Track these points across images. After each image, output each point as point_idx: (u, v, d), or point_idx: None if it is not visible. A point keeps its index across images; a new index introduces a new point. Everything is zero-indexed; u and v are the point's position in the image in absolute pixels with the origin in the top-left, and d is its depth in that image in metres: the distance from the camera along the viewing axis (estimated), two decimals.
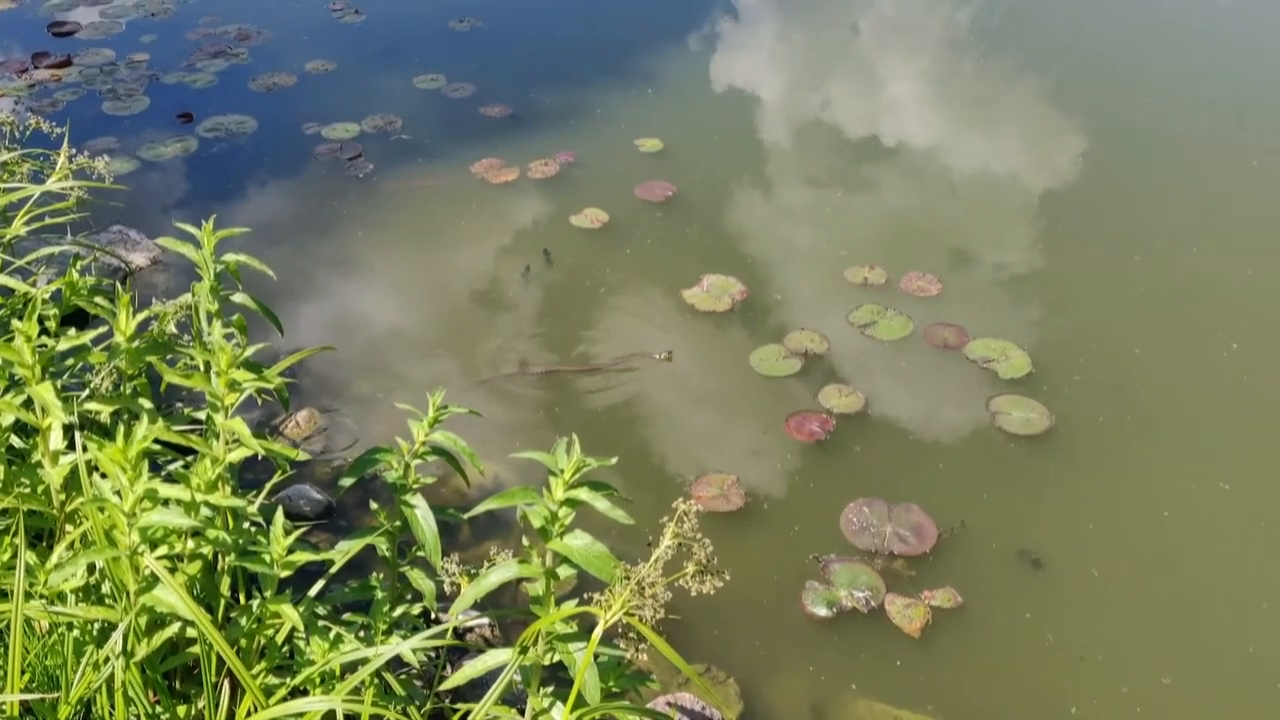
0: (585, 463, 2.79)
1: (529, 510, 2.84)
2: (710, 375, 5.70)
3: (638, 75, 8.55)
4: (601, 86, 8.34)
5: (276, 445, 3.28)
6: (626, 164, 7.34)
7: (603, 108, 8.07)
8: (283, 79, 8.45)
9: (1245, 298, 6.19)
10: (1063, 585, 4.62)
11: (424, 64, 8.65)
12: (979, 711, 4.15)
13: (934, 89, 8.68)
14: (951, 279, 6.25)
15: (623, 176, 7.19)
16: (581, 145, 7.53)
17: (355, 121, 7.84)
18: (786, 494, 5.01)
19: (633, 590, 2.73)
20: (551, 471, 2.81)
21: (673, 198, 6.98)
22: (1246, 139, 7.76)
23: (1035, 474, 5.11)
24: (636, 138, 7.59)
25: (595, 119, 7.93)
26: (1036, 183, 7.34)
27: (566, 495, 2.78)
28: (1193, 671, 4.29)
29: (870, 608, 4.46)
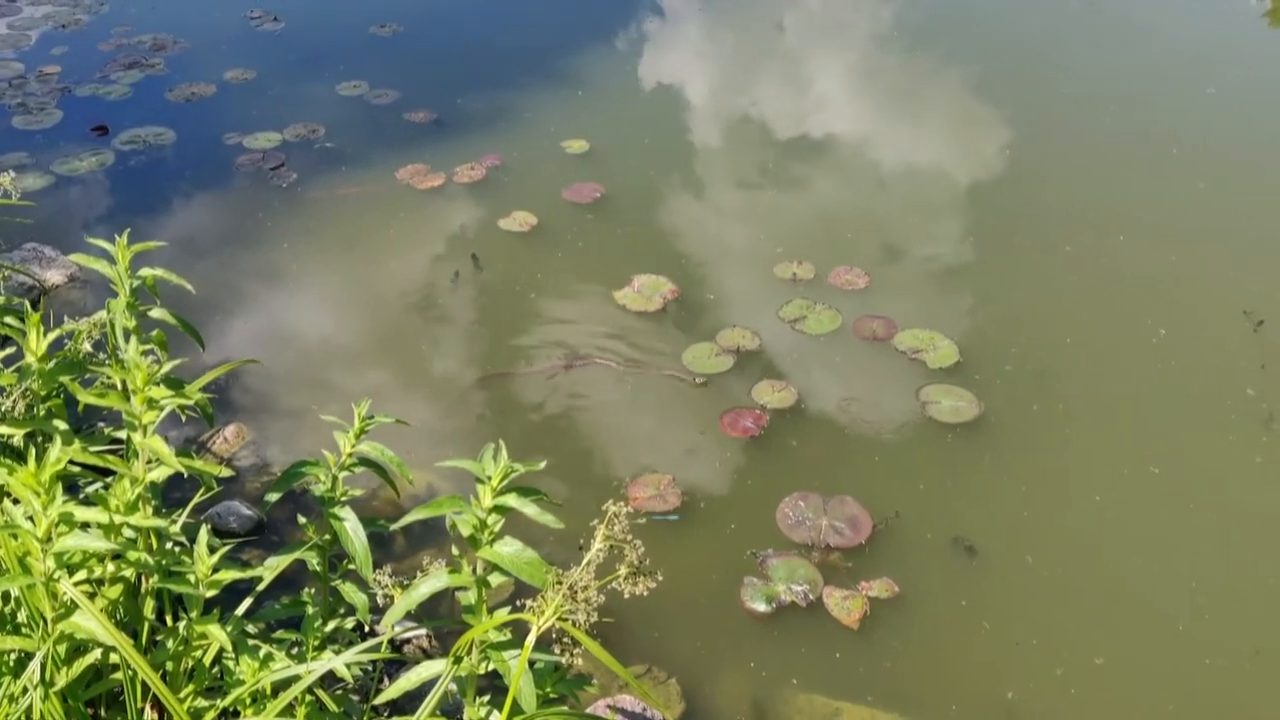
0: (513, 468, 2.76)
1: (457, 519, 2.81)
2: (644, 375, 5.69)
3: (565, 77, 8.53)
4: (528, 89, 8.31)
5: (199, 462, 3.21)
6: (554, 166, 7.32)
7: (530, 110, 8.03)
8: (201, 89, 8.31)
9: (1172, 284, 6.30)
10: (997, 572, 4.67)
11: (346, 70, 8.55)
12: (917, 700, 4.17)
13: (861, 85, 8.76)
14: (879, 272, 6.31)
15: (550, 179, 7.16)
16: (508, 149, 7.49)
17: (277, 130, 7.73)
18: (723, 491, 5.02)
19: (565, 595, 2.71)
20: (479, 479, 2.78)
21: (601, 199, 6.97)
22: (1167, 129, 7.91)
23: (968, 462, 5.17)
24: (563, 140, 7.57)
25: (522, 122, 7.89)
26: (964, 175, 7.43)
27: (494, 502, 2.75)
28: (1124, 652, 4.36)
29: (809, 601, 4.48)
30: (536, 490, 2.84)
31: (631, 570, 2.77)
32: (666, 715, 4.05)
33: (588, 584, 2.77)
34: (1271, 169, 7.47)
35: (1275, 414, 5.34)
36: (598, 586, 2.83)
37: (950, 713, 4.12)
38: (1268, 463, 5.14)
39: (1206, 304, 6.13)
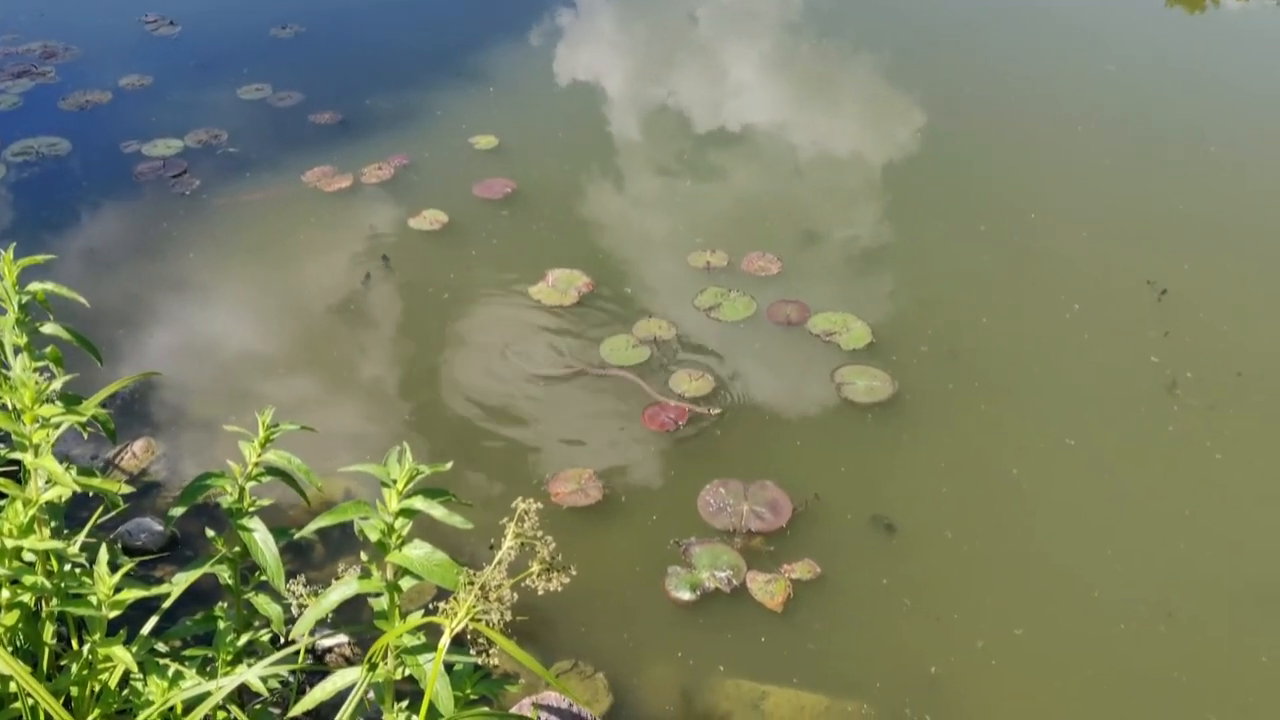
0: (418, 470, 2.72)
1: (365, 524, 2.76)
2: (561, 369, 5.65)
3: (475, 74, 8.44)
4: (436, 88, 8.21)
5: (98, 480, 3.12)
6: (463, 163, 7.25)
7: (440, 109, 7.94)
8: (96, 96, 8.08)
9: (1083, 260, 6.42)
10: (917, 548, 4.73)
11: (248, 74, 8.38)
12: (842, 680, 4.21)
13: (775, 72, 8.79)
14: (792, 257, 6.35)
15: (460, 176, 7.09)
16: (416, 148, 7.40)
17: (178, 137, 7.55)
18: (643, 482, 5.01)
19: (477, 595, 2.68)
20: (384, 483, 2.74)
21: (513, 194, 6.91)
22: (1072, 107, 8.05)
23: (885, 441, 5.22)
24: (472, 136, 7.50)
25: (431, 120, 7.80)
26: (879, 159, 7.50)
27: (401, 506, 2.71)
28: (1043, 620, 4.44)
29: (733, 587, 4.49)
30: (445, 491, 2.80)
31: (544, 566, 2.75)
32: (594, 709, 4.04)
33: (500, 583, 2.74)
34: (1170, 142, 7.65)
35: (1178, 380, 5.47)
36: (511, 585, 2.81)
37: (874, 690, 4.16)
38: (1179, 431, 5.25)
39: (1114, 276, 6.25)
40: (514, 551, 2.73)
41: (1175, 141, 7.64)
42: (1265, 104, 8.16)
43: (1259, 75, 8.76)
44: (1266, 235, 6.64)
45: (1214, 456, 5.13)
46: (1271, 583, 4.58)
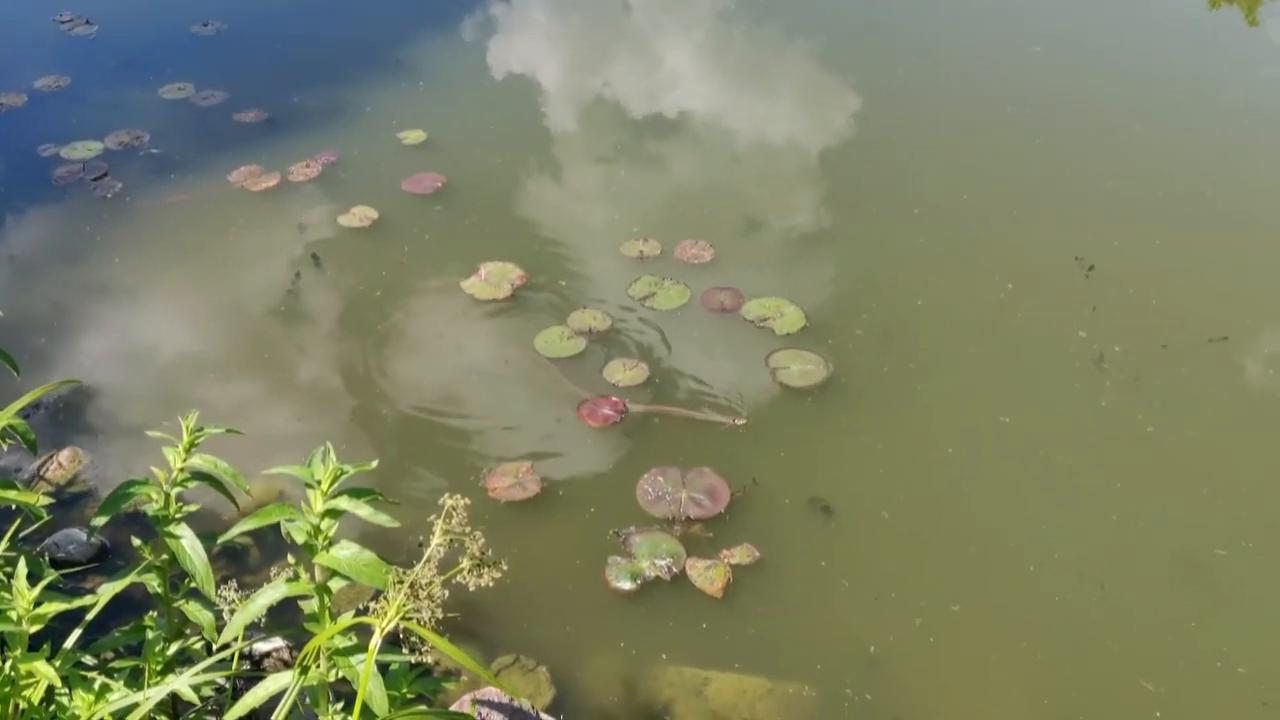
0: (343, 470, 2.68)
1: (291, 526, 2.72)
2: (497, 364, 5.63)
3: (405, 69, 8.34)
4: (364, 83, 8.11)
5: (13, 493, 3.05)
6: (392, 159, 7.18)
7: (369, 104, 7.85)
8: (9, 99, 7.88)
9: (1015, 239, 6.49)
10: (854, 529, 4.76)
11: (170, 73, 8.22)
12: (783, 662, 4.23)
13: (711, 60, 8.79)
14: (725, 244, 6.35)
15: (390, 172, 7.02)
16: (344, 144, 7.31)
17: (98, 139, 7.39)
18: (581, 474, 5.00)
19: (407, 594, 2.65)
20: (308, 484, 2.70)
21: (443, 188, 6.85)
22: (1001, 88, 8.13)
23: (822, 424, 5.25)
24: (401, 131, 7.41)
25: (360, 116, 7.71)
26: (813, 144, 7.52)
27: (326, 506, 2.67)
28: (979, 596, 4.49)
29: (673, 574, 4.50)
30: (371, 491, 2.77)
31: (474, 562, 2.73)
32: (536, 702, 4.02)
33: (431, 580, 2.72)
34: (1095, 119, 7.75)
35: (1106, 354, 5.56)
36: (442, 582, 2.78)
37: (815, 672, 4.19)
38: (1111, 405, 5.33)
39: (1045, 255, 6.33)
40: (443, 549, 2.70)
41: (1101, 121, 7.74)
42: (1186, 84, 8.29)
43: (1180, 56, 8.91)
44: (1189, 211, 6.75)
45: (1145, 429, 5.22)
46: (1199, 550, 4.66)
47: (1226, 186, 6.94)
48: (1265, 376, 5.52)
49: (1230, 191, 6.89)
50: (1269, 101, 8.12)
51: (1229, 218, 6.65)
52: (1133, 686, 4.16)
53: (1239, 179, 7.05)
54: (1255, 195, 6.88)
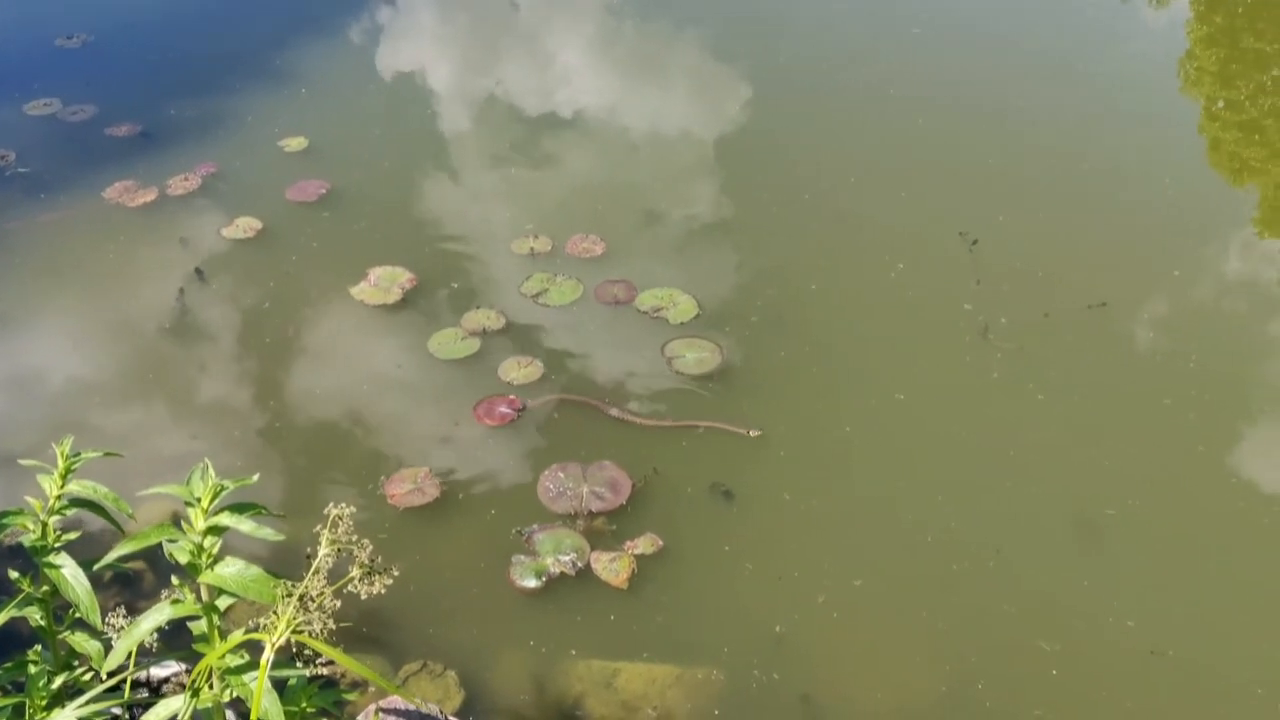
0: (222, 486, 2.63)
1: (173, 547, 2.66)
2: (390, 369, 5.57)
3: (286, 76, 8.15)
4: (243, 93, 7.91)
5: None
6: (275, 167, 7.02)
7: (250, 113, 7.66)
8: None
9: (904, 219, 6.58)
10: (756, 512, 4.82)
11: (35, 88, 7.91)
12: (691, 648, 4.27)
13: (602, 55, 8.75)
14: (616, 237, 6.35)
15: (272, 181, 6.87)
16: (224, 155, 7.13)
17: None
18: (481, 475, 4.98)
19: (297, 607, 2.61)
20: (188, 502, 2.64)
21: (328, 195, 6.73)
22: (883, 71, 8.22)
23: (721, 410, 5.28)
24: (281, 139, 7.26)
25: (238, 126, 7.53)
26: (704, 134, 7.53)
27: (208, 524, 2.62)
28: (880, 570, 4.58)
29: (578, 569, 4.50)
30: (255, 505, 2.72)
31: (364, 570, 2.70)
32: (446, 707, 3.99)
33: (321, 591, 2.68)
34: (975, 98, 7.88)
35: (991, 325, 5.69)
36: (333, 592, 2.74)
37: (723, 655, 4.23)
38: (1001, 376, 5.46)
39: (932, 233, 6.43)
40: (332, 559, 2.66)
41: (981, 99, 7.86)
42: (1061, 60, 8.46)
43: (1054, 32, 9.10)
44: (1067, 183, 6.91)
45: (1036, 397, 5.35)
46: (1089, 511, 4.80)
47: (1101, 158, 7.15)
48: (1144, 340, 5.71)
49: (1105, 163, 7.09)
50: (1138, 75, 8.38)
51: (1104, 188, 6.84)
52: (1030, 647, 4.28)
53: (1112, 150, 7.26)
54: (1128, 165, 7.10)
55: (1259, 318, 5.98)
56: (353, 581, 2.78)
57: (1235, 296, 6.13)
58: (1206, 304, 6.02)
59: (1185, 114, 7.98)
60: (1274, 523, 4.76)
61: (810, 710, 4.08)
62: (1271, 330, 5.93)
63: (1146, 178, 7.00)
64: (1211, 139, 7.71)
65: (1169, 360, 5.60)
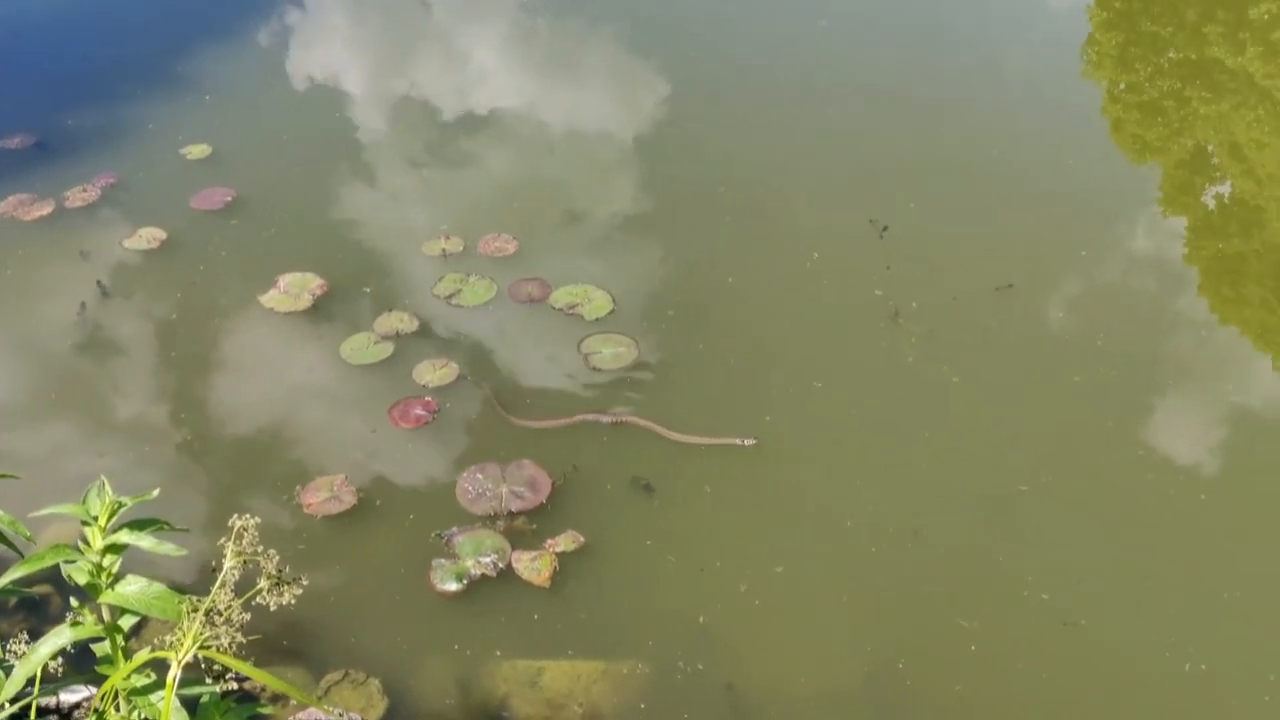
0: (120, 504, 2.57)
1: (71, 568, 2.59)
2: (303, 377, 5.49)
3: (189, 82, 7.93)
4: (143, 100, 7.69)
5: None
6: (178, 176, 6.84)
7: (151, 121, 7.45)
8: None
9: (817, 209, 6.61)
10: (677, 505, 4.83)
11: None
12: (615, 643, 4.27)
13: (517, 53, 8.66)
14: (529, 235, 6.31)
15: (176, 189, 6.70)
16: (124, 164, 6.95)
17: None
18: (398, 479, 4.93)
19: (203, 621, 2.55)
20: (85, 521, 2.57)
21: (234, 202, 6.59)
22: (792, 63, 8.23)
23: (639, 405, 5.28)
24: (184, 147, 7.08)
25: (139, 134, 7.32)
26: (617, 131, 7.48)
27: (107, 542, 2.55)
28: (800, 556, 4.62)
29: (499, 570, 4.48)
30: (156, 521, 2.66)
31: (272, 580, 2.65)
32: (369, 715, 3.95)
33: (229, 605, 2.62)
34: (881, 87, 7.91)
35: (901, 310, 5.76)
36: (241, 605, 2.69)
37: (647, 649, 4.24)
38: (917, 360, 5.52)
39: (845, 221, 6.46)
40: (238, 571, 2.61)
41: (889, 88, 7.89)
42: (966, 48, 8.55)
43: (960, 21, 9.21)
44: (975, 169, 6.98)
45: (950, 380, 5.42)
46: (1003, 488, 4.88)
47: (1008, 143, 7.24)
48: (1051, 319, 5.82)
49: (1012, 148, 7.19)
50: (1043, 61, 8.52)
51: (1012, 173, 6.94)
52: (950, 625, 4.34)
53: (1019, 135, 7.36)
54: (1035, 150, 7.18)
55: (1164, 294, 6.15)
56: (261, 593, 2.74)
57: (1140, 274, 6.29)
58: (1112, 282, 6.15)
59: (1089, 97, 8.16)
60: (1180, 493, 4.88)
61: (735, 698, 4.11)
62: (1176, 305, 6.10)
63: (1053, 161, 7.12)
64: (1114, 120, 7.90)
65: (1077, 338, 5.71)
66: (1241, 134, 7.54)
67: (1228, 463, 5.06)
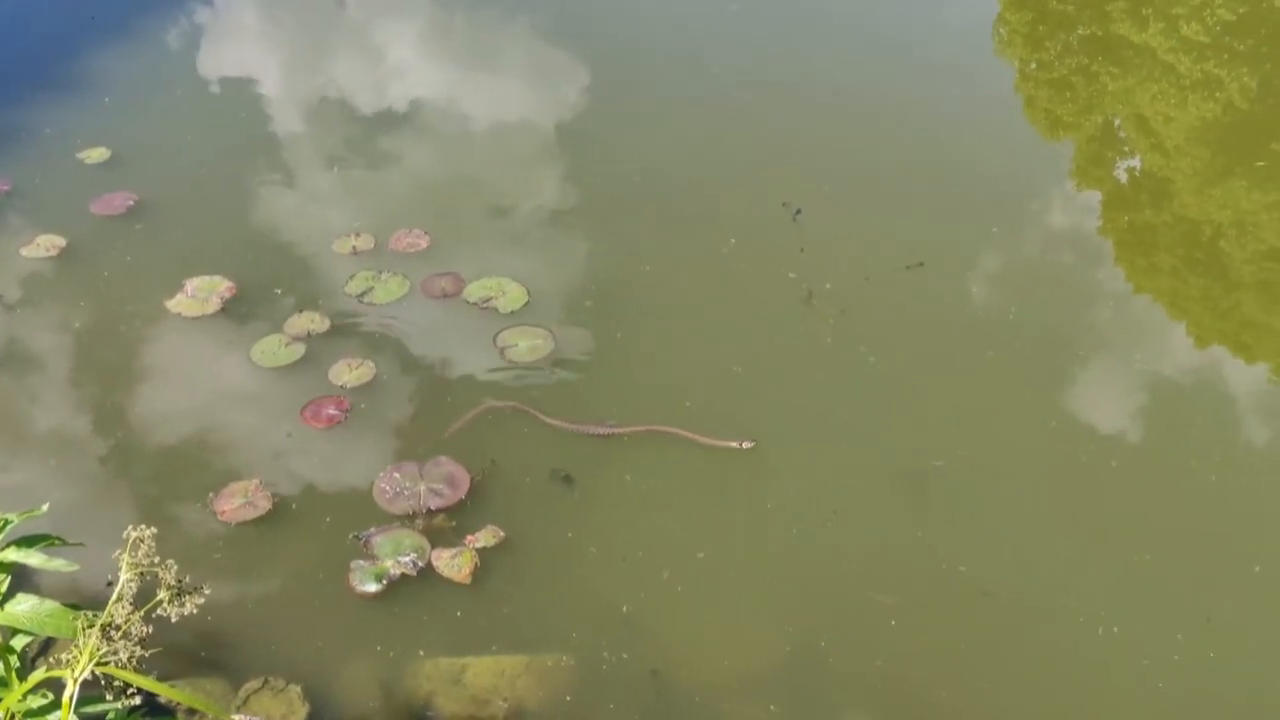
0: (7, 520, 2.49)
1: None
2: (213, 381, 5.38)
3: (86, 84, 7.69)
4: (37, 104, 7.43)
5: None
6: (77, 181, 6.63)
7: (48, 126, 7.20)
8: None
9: (733, 194, 6.61)
10: (598, 495, 4.82)
11: None
12: (539, 636, 4.26)
13: (435, 46, 8.53)
14: (440, 230, 6.23)
15: (74, 195, 6.49)
16: (18, 171, 6.72)
17: None
18: (314, 481, 4.86)
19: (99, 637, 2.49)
20: None
21: (137, 207, 6.41)
22: (705, 48, 8.19)
23: (557, 395, 5.25)
24: (81, 150, 6.87)
25: (34, 140, 7.09)
26: (532, 122, 7.40)
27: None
28: (721, 541, 4.64)
29: (419, 569, 4.43)
30: (46, 536, 2.58)
31: (172, 591, 2.59)
32: None
33: (127, 619, 2.56)
34: (796, 70, 7.94)
35: (815, 291, 5.79)
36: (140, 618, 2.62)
37: (571, 640, 4.24)
38: (835, 341, 5.56)
39: (761, 205, 6.46)
40: (135, 584, 2.54)
41: (802, 71, 7.91)
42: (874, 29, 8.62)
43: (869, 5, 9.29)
44: (886, 150, 7.04)
45: (868, 360, 5.47)
46: (919, 465, 4.94)
47: (922, 124, 7.27)
48: (964, 295, 5.90)
49: (925, 128, 7.22)
50: (954, 40, 8.60)
51: (925, 153, 6.98)
52: (869, 601, 4.40)
53: (933, 115, 7.37)
54: (948, 129, 7.22)
55: (1077, 267, 6.28)
56: (161, 605, 2.67)
57: (1053, 248, 6.42)
58: (1025, 257, 6.27)
59: (1001, 76, 8.26)
60: (1092, 460, 4.98)
61: (660, 685, 4.11)
62: (1086, 278, 6.22)
63: (966, 140, 7.19)
64: (1026, 98, 8.02)
65: (990, 313, 5.81)
66: (1148, 108, 7.69)
67: (1138, 429, 5.17)
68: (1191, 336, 5.86)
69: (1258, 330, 6.00)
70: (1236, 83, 7.62)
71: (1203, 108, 7.49)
